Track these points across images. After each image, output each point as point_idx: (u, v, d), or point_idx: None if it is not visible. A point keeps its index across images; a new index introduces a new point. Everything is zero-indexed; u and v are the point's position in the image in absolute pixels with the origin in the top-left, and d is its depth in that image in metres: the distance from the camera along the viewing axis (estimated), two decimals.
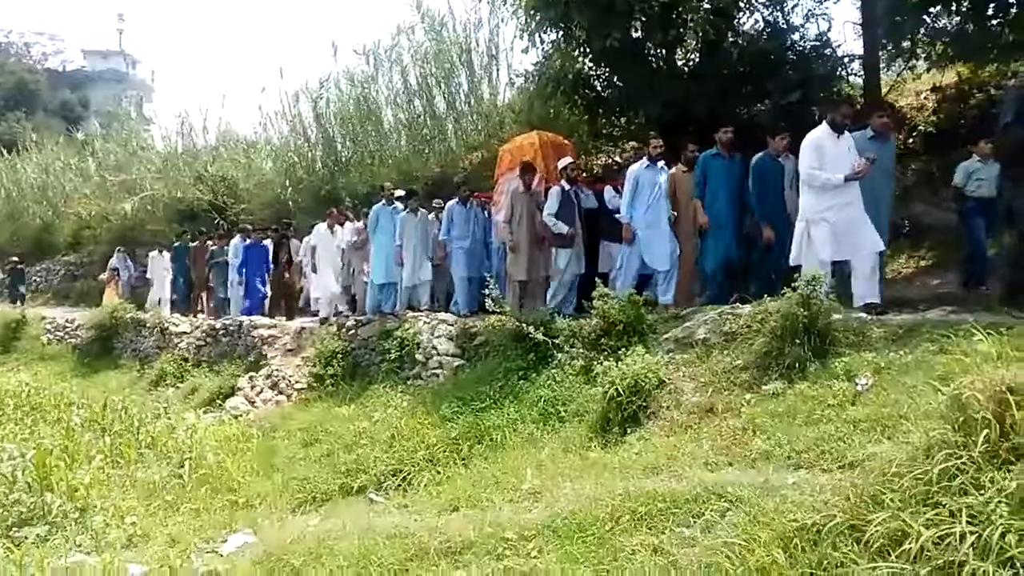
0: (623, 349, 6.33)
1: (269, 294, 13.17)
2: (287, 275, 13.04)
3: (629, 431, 5.45)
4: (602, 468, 4.93)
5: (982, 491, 2.73)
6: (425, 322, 8.88)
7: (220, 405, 9.93)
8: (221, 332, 12.07)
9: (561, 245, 8.46)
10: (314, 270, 11.71)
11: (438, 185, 10.52)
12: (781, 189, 7.24)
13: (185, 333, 12.89)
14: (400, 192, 10.56)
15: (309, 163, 17.03)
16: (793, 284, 5.40)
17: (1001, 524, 2.58)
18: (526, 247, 8.66)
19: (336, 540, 4.83)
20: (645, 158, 8.10)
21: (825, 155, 6.24)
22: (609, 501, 4.12)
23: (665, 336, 6.53)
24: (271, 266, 13.09)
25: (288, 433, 8.24)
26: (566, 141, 10.24)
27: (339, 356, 9.42)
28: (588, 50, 10.05)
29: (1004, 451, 2.82)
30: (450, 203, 9.95)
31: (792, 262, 6.32)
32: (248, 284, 12.88)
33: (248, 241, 13.10)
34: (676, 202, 7.91)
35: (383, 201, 10.37)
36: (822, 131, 6.36)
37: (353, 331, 9.80)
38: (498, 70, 14.84)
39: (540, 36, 10.51)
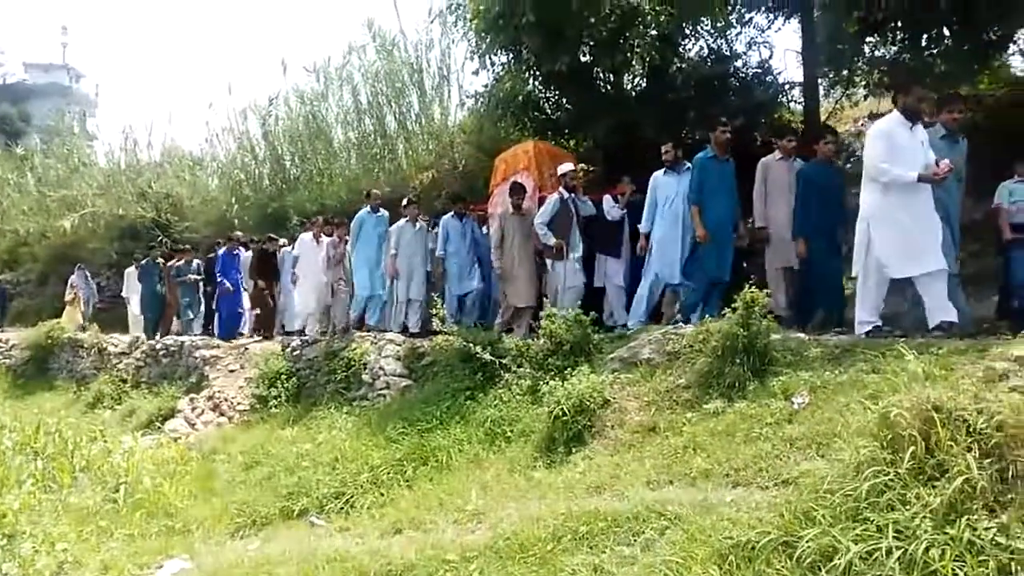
0: (570, 369, 6.36)
1: (250, 311, 12.45)
2: (270, 290, 12.00)
3: (574, 451, 5.44)
4: (546, 488, 4.93)
5: (908, 507, 2.80)
6: (372, 342, 8.79)
7: (159, 428, 9.70)
8: (162, 352, 11.80)
9: (553, 258, 8.09)
10: (293, 282, 11.20)
11: (388, 204, 10.41)
12: (836, 198, 6.75)
13: (124, 354, 12.57)
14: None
15: (256, 180, 16.87)
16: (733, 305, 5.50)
17: (925, 539, 2.65)
18: (523, 271, 8.35)
19: (275, 565, 4.74)
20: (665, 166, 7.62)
21: (896, 147, 5.44)
22: (551, 521, 4.12)
23: (611, 356, 6.56)
24: (240, 279, 12.22)
25: (229, 456, 8.06)
26: (564, 151, 9.92)
27: (283, 377, 9.26)
28: (538, 73, 10.20)
29: (929, 468, 2.90)
30: (445, 217, 9.50)
31: (854, 272, 5.74)
32: (218, 300, 12.20)
33: (223, 249, 12.40)
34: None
35: (367, 208, 9.93)
36: (893, 119, 5.59)
37: (298, 351, 9.65)
38: (449, 91, 14.95)
39: (490, 58, 10.64)
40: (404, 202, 9.98)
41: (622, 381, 6.04)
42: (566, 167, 8.32)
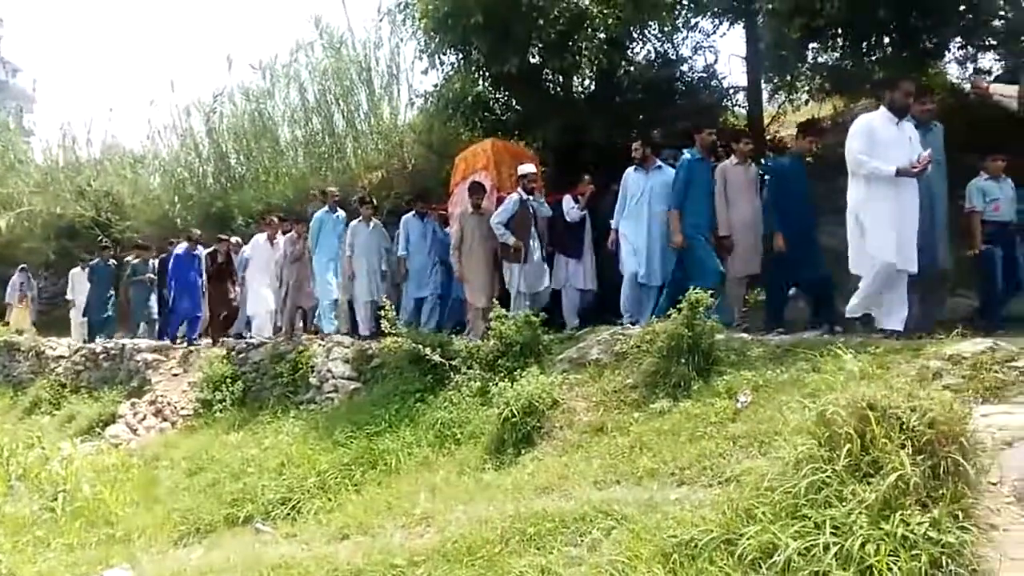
0: (519, 370, 6.37)
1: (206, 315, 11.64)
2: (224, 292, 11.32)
3: (523, 452, 5.47)
4: (495, 490, 4.93)
5: (845, 503, 2.87)
6: (320, 344, 8.69)
7: (99, 433, 9.41)
8: (102, 356, 11.46)
9: (510, 259, 7.97)
10: (242, 285, 10.70)
11: (338, 203, 10.25)
12: (805, 195, 6.58)
13: (63, 357, 12.17)
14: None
15: (200, 179, 16.51)
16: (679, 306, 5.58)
17: (861, 534, 2.72)
18: (482, 271, 8.22)
19: (218, 573, 4.67)
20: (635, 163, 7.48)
21: (877, 141, 5.37)
22: (499, 523, 4.13)
23: (560, 357, 6.62)
24: (200, 280, 11.44)
25: (172, 462, 7.89)
26: (524, 148, 9.63)
27: (228, 381, 9.08)
28: (487, 74, 10.19)
29: (865, 464, 2.97)
30: (406, 216, 9.29)
31: (852, 270, 5.57)
32: (175, 302, 11.45)
33: (181, 248, 11.64)
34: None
35: (325, 207, 9.61)
36: (877, 114, 5.57)
37: (244, 354, 9.48)
38: (399, 89, 14.80)
39: (440, 58, 10.59)
40: (357, 201, 9.78)
41: (571, 382, 6.10)
42: (526, 168, 8.21)
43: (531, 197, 8.08)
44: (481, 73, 10.23)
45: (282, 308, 10.18)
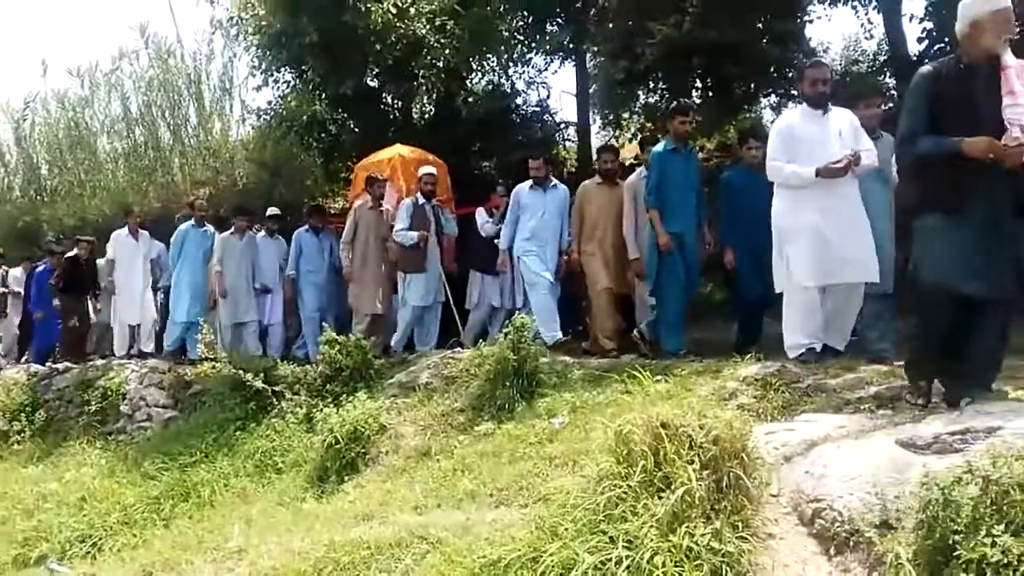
0: (348, 395, 6.28)
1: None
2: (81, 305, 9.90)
3: (347, 479, 5.37)
4: (314, 519, 4.79)
5: (638, 517, 3.00)
6: (133, 370, 8.17)
7: None
8: None
9: (410, 269, 7.42)
10: (114, 291, 9.31)
11: (158, 220, 9.69)
12: (760, 206, 5.54)
13: None
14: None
15: (4, 191, 15.18)
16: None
17: (651, 547, 2.86)
18: (373, 273, 7.63)
19: None
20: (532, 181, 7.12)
21: (797, 142, 4.76)
22: (313, 553, 4.01)
23: (390, 381, 6.58)
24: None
25: None
26: (433, 158, 8.73)
27: (28, 409, 8.39)
28: (324, 94, 10.09)
29: (657, 480, 3.14)
30: (299, 231, 8.53)
31: (777, 289, 5.10)
32: (39, 322, 10.00)
33: (42, 264, 10.11)
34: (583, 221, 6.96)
35: (191, 221, 8.76)
36: (797, 109, 5.02)
37: (47, 381, 8.75)
38: (231, 104, 14.30)
39: (274, 75, 10.37)
40: (234, 211, 8.96)
41: (400, 406, 6.07)
42: (426, 169, 7.74)
43: (429, 202, 7.61)
44: (318, 93, 10.12)
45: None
